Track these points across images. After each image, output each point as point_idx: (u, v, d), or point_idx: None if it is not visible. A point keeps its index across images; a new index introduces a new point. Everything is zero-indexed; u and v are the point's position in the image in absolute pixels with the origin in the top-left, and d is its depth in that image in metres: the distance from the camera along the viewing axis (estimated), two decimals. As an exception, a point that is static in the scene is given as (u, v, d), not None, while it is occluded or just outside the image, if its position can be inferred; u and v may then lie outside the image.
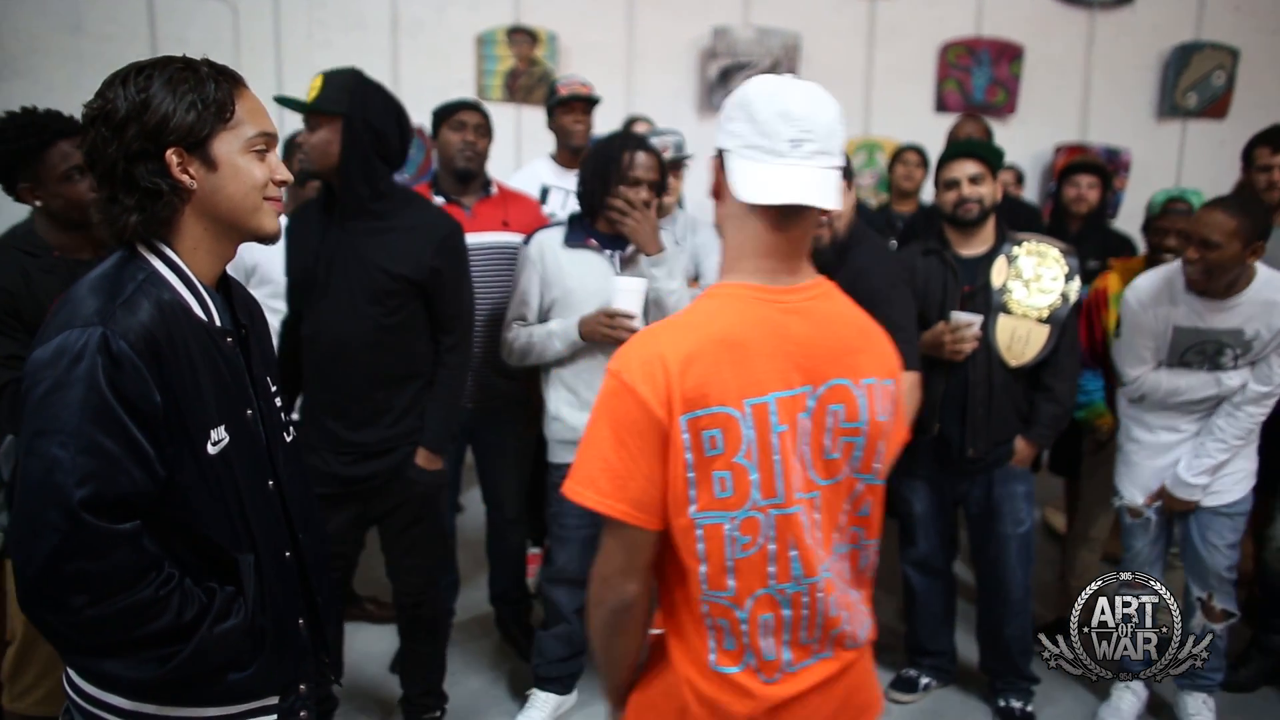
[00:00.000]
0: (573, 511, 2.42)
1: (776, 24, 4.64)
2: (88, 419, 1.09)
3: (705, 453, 1.12)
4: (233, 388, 1.26)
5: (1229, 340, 2.39)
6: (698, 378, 1.11)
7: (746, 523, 1.15)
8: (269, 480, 1.32)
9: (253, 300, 1.44)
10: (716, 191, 1.20)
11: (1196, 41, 4.84)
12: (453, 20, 4.55)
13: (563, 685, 2.58)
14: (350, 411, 2.14)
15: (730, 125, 1.15)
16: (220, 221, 1.25)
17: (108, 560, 1.11)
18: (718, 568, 1.16)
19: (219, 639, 1.20)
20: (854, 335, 1.23)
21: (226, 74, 1.24)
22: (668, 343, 1.13)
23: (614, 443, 1.12)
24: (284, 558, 1.34)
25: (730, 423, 1.12)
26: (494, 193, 2.82)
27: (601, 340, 2.26)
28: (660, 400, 1.10)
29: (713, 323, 1.16)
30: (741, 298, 1.17)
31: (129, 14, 4.36)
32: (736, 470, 1.13)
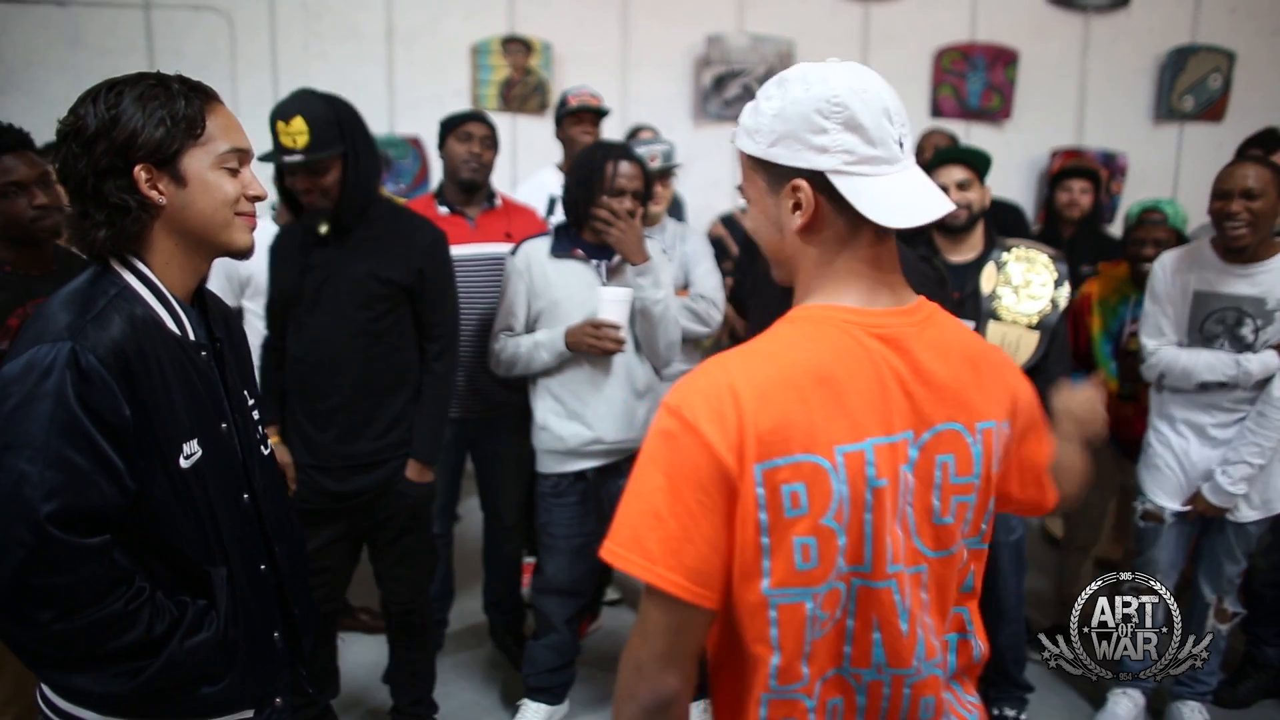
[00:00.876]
0: (561, 521, 2.43)
1: (770, 31, 4.65)
2: (56, 434, 1.10)
3: (785, 513, 0.90)
4: (206, 401, 1.27)
5: (1250, 309, 2.34)
6: (776, 418, 0.89)
7: (829, 596, 0.93)
8: (244, 493, 1.32)
9: (230, 313, 1.44)
10: (809, 224, 0.96)
11: (1193, 44, 4.83)
12: (448, 30, 4.57)
13: (554, 695, 2.58)
14: (339, 422, 2.14)
15: (823, 139, 0.92)
16: (191, 237, 1.25)
17: (75, 575, 1.12)
18: (793, 655, 0.93)
19: (190, 652, 1.20)
20: (967, 369, 0.99)
21: (199, 90, 1.24)
22: (739, 373, 0.91)
23: (668, 495, 0.89)
24: (259, 570, 1.34)
25: (818, 475, 0.90)
26: (498, 204, 2.84)
27: (587, 351, 2.27)
28: (730, 444, 0.88)
29: (795, 350, 0.94)
30: (831, 321, 0.95)
31: (126, 28, 4.38)
32: (823, 534, 0.91)
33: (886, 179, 0.94)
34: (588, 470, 2.37)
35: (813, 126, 0.93)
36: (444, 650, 3.00)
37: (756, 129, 0.97)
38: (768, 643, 0.92)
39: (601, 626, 3.19)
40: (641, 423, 2.35)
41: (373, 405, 2.16)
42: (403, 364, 2.20)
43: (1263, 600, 2.76)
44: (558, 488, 2.41)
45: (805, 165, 0.94)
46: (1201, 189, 3.72)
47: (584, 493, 2.40)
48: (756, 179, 1.00)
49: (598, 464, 2.36)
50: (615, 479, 2.38)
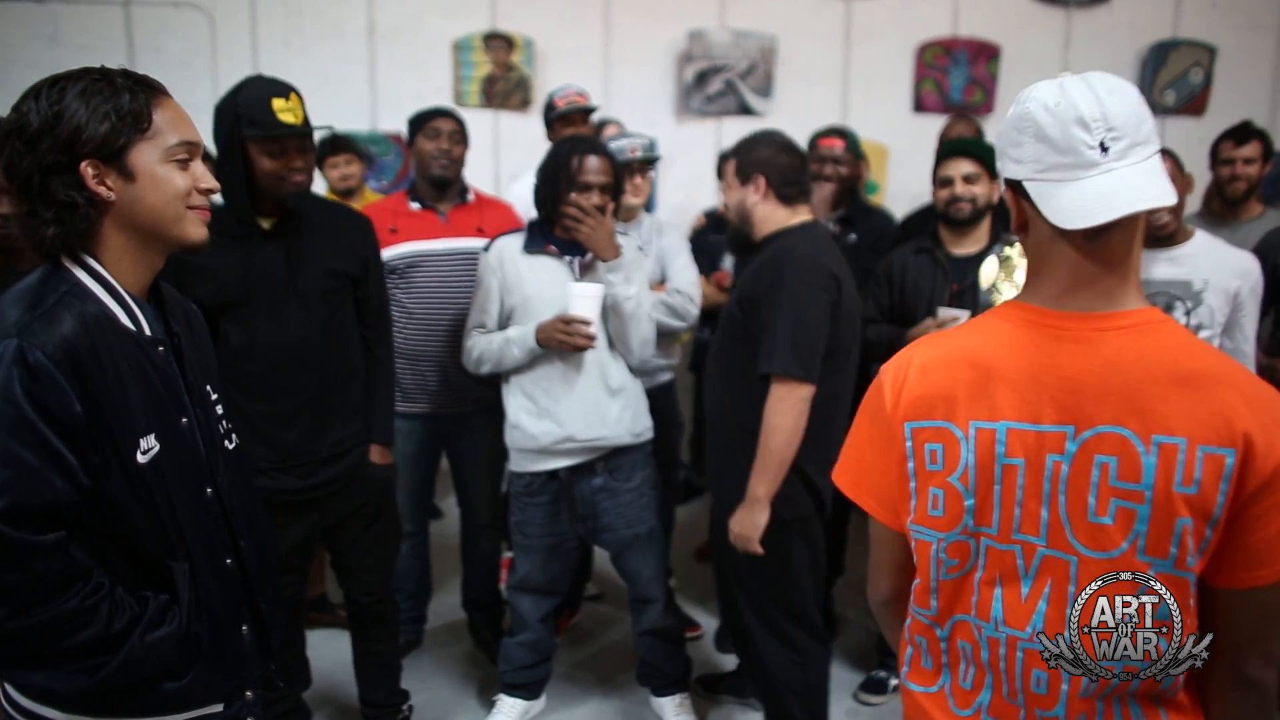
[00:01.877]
0: (535, 520, 2.42)
1: (753, 27, 4.64)
2: (4, 430, 1.10)
3: (926, 465, 1.11)
4: (165, 397, 1.26)
5: (1178, 292, 2.35)
6: (928, 388, 1.10)
7: (955, 546, 1.10)
8: (207, 488, 1.32)
9: (190, 307, 1.44)
10: (1021, 225, 1.10)
11: (1174, 39, 4.84)
12: (429, 27, 4.56)
13: (529, 691, 2.58)
14: (305, 418, 2.13)
15: (1017, 151, 1.05)
16: (142, 232, 1.24)
17: (28, 571, 1.12)
18: (924, 585, 1.14)
19: (150, 648, 1.20)
20: (1162, 381, 1.00)
21: (145, 83, 1.23)
22: (921, 350, 1.15)
23: (862, 432, 1.20)
24: (225, 565, 1.33)
25: (952, 441, 1.09)
26: (470, 199, 2.83)
27: (558, 347, 2.26)
28: (894, 399, 1.13)
29: (965, 338, 1.14)
30: (1010, 319, 1.10)
31: (106, 24, 4.37)
32: (950, 491, 1.09)
33: (1078, 183, 1.01)
34: (560, 470, 2.36)
35: (1013, 141, 1.07)
36: (422, 646, 3.00)
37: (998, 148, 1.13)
38: (910, 562, 1.17)
39: (581, 622, 3.20)
40: (615, 420, 2.33)
41: (336, 398, 2.17)
42: (354, 353, 2.23)
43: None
44: (530, 487, 2.40)
45: (1008, 175, 1.09)
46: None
47: (557, 492, 2.39)
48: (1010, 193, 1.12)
49: (570, 463, 2.35)
50: (589, 478, 2.36)
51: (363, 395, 2.24)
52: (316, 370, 2.13)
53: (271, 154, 2.00)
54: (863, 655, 2.96)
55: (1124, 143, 1.00)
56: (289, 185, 2.04)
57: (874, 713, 2.75)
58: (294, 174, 2.03)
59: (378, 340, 2.29)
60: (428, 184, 2.77)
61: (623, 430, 2.35)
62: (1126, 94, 1.01)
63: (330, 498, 2.20)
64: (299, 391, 2.12)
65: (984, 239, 2.54)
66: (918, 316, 2.52)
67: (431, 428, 2.77)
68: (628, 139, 2.89)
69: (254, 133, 1.97)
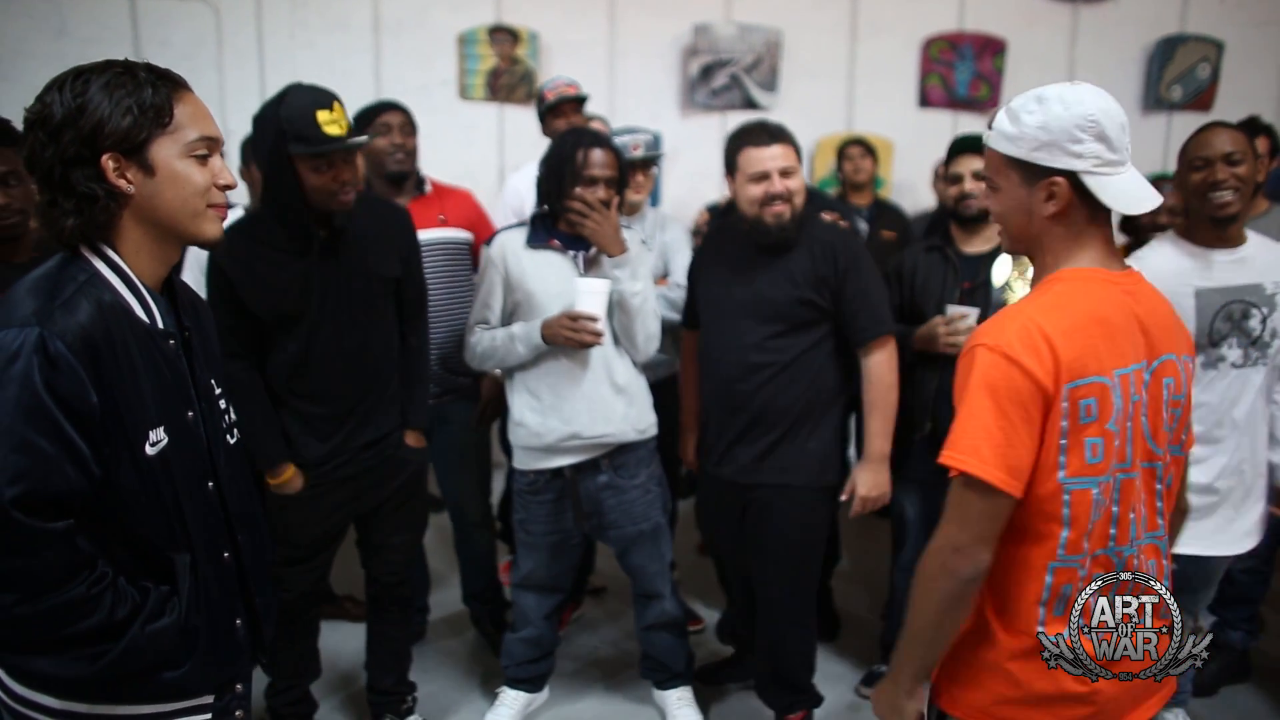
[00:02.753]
0: (539, 518, 2.42)
1: (758, 20, 4.64)
2: (21, 418, 1.11)
3: (1080, 420, 1.21)
4: (173, 389, 1.27)
5: (1253, 298, 2.13)
6: (1078, 349, 1.21)
7: (1107, 486, 1.24)
8: (209, 481, 1.33)
9: (200, 302, 1.45)
10: (1062, 212, 1.26)
11: (1181, 34, 4.83)
12: (434, 20, 4.56)
13: (533, 685, 2.59)
14: (357, 415, 2.18)
15: (1078, 147, 1.22)
16: (160, 226, 1.25)
17: (37, 558, 1.13)
18: (1080, 532, 1.24)
19: (151, 638, 1.22)
20: (1171, 315, 1.34)
21: (167, 78, 1.23)
22: (1044, 320, 1.22)
23: (995, 413, 1.21)
24: (222, 559, 1.35)
25: (1105, 391, 1.22)
26: (428, 190, 2.78)
27: (564, 344, 2.25)
28: (1047, 371, 1.20)
29: (1081, 301, 1.25)
30: (1094, 279, 1.27)
31: (112, 17, 4.37)
32: (1108, 436, 1.23)
33: (1120, 177, 1.24)
34: (565, 467, 2.35)
35: (1072, 138, 1.22)
36: (425, 639, 3.02)
37: (1020, 136, 1.26)
38: (1059, 520, 1.24)
39: (584, 615, 3.21)
40: (620, 416, 2.32)
41: (381, 392, 2.22)
42: (394, 346, 2.27)
43: (1235, 583, 2.78)
44: (535, 485, 2.40)
45: (1063, 166, 1.24)
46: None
47: (561, 489, 2.38)
48: (1011, 174, 1.29)
49: (575, 460, 2.34)
50: (593, 474, 2.36)
51: (399, 383, 2.28)
52: (368, 372, 2.18)
53: (319, 169, 1.97)
54: (862, 650, 2.97)
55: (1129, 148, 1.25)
56: (338, 203, 2.02)
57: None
58: (343, 190, 2.01)
59: (412, 329, 2.32)
60: (383, 180, 2.70)
61: (628, 427, 2.34)
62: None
63: (367, 481, 2.23)
64: (352, 394, 2.17)
65: (995, 237, 2.47)
66: (928, 314, 2.49)
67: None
68: (630, 135, 2.88)
69: (300, 149, 1.95)
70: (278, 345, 2.09)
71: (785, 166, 2.24)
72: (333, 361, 2.12)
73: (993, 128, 1.31)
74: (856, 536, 3.16)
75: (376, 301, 2.18)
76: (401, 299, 2.28)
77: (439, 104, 4.54)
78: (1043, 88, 1.27)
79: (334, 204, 2.02)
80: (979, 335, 1.26)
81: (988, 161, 1.34)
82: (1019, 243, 1.34)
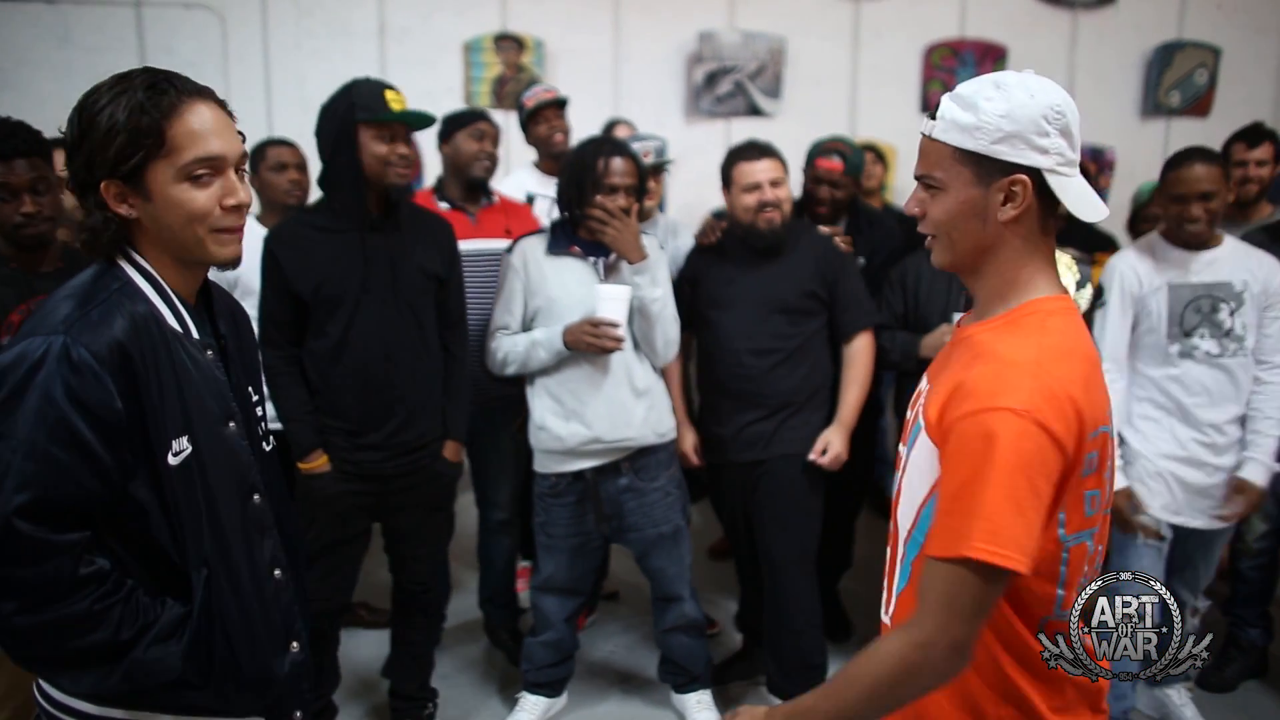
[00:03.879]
0: (560, 521, 2.44)
1: (762, 28, 4.66)
2: (39, 427, 1.10)
3: (1082, 474, 1.06)
4: (208, 400, 1.24)
5: (1222, 294, 2.37)
6: (1091, 401, 1.06)
7: (1099, 534, 1.14)
8: (254, 494, 1.30)
9: (238, 309, 1.43)
10: (1018, 219, 1.09)
11: (1179, 40, 4.87)
12: (440, 28, 4.57)
13: (552, 689, 2.61)
14: (398, 413, 2.20)
15: (1044, 141, 1.06)
16: (171, 248, 1.22)
17: (39, 569, 1.11)
18: (1074, 586, 1.10)
19: (154, 660, 1.18)
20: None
21: (170, 93, 1.16)
22: (1063, 374, 1.05)
23: (1030, 492, 1.00)
24: (272, 575, 1.32)
25: (1107, 441, 1.11)
26: (496, 201, 2.87)
27: (586, 349, 2.28)
28: (1073, 437, 1.03)
29: (1078, 341, 1.12)
30: (1072, 311, 1.14)
31: (117, 25, 4.36)
32: (1104, 485, 1.11)
33: (1074, 180, 1.09)
34: (586, 470, 2.38)
35: (1039, 130, 1.05)
36: (442, 644, 3.01)
37: (978, 126, 1.07)
38: (1056, 579, 1.08)
39: (598, 620, 3.22)
40: (640, 420, 2.35)
41: (423, 395, 2.25)
42: (436, 350, 2.30)
43: (1248, 582, 2.81)
44: (556, 488, 2.42)
45: (1028, 163, 1.06)
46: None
47: (582, 492, 2.41)
48: (963, 171, 1.10)
49: (596, 463, 2.37)
50: (614, 478, 2.39)
51: (442, 393, 2.31)
52: (408, 367, 2.19)
53: (382, 139, 2.09)
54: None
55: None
56: (393, 174, 2.12)
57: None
58: (400, 162, 2.12)
59: (455, 340, 2.35)
60: (462, 184, 2.79)
61: (648, 430, 2.37)
62: None
63: (399, 483, 2.24)
64: (392, 387, 2.18)
65: None
66: (932, 323, 2.51)
67: None
68: (641, 142, 2.91)
69: (367, 116, 2.06)
70: (319, 331, 2.14)
71: (774, 178, 2.48)
72: (372, 348, 2.14)
73: (937, 117, 1.11)
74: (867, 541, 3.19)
75: (419, 295, 2.22)
76: (443, 307, 2.30)
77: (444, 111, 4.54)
78: (996, 74, 1.10)
79: (389, 176, 2.12)
80: (996, 396, 1.02)
81: (928, 158, 1.13)
82: (965, 257, 1.14)
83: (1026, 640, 1.10)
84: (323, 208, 2.19)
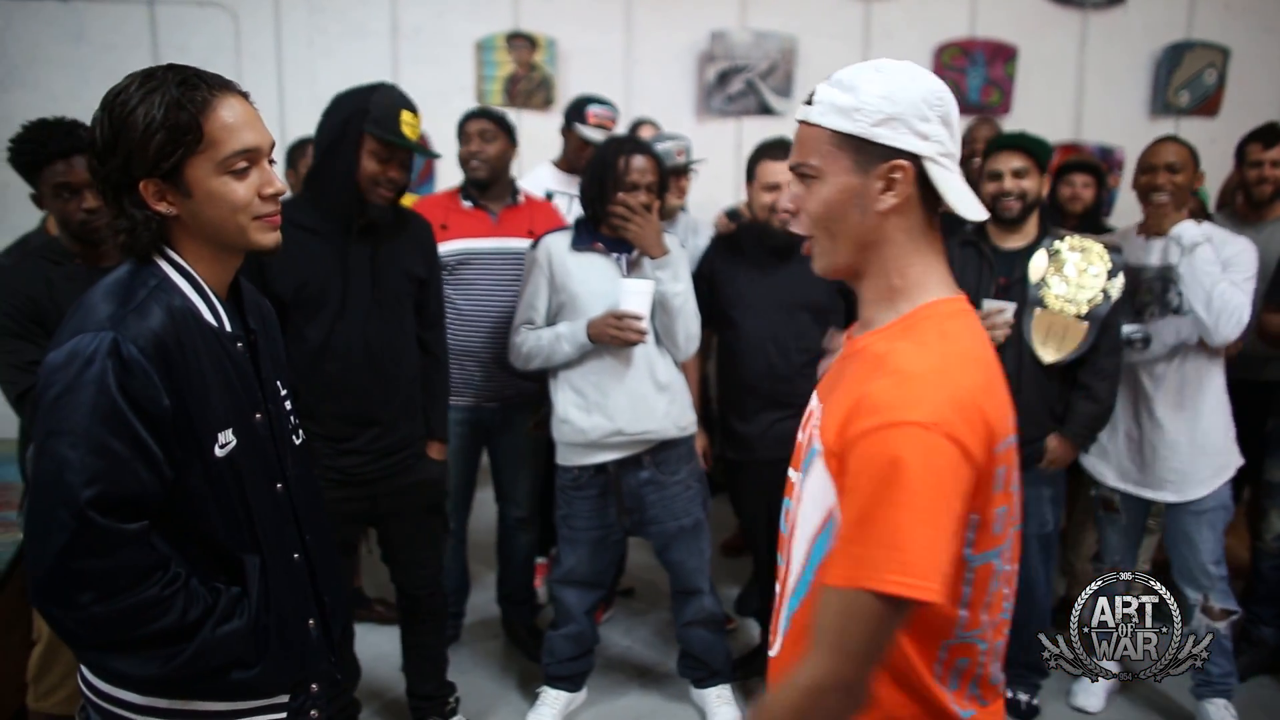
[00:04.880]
0: (582, 513, 2.46)
1: (773, 27, 4.68)
2: (97, 421, 1.12)
3: (993, 490, 0.97)
4: (241, 392, 1.28)
5: (1172, 276, 2.52)
6: (997, 410, 0.98)
7: (1007, 553, 1.03)
8: (278, 483, 1.34)
9: (265, 304, 1.46)
10: (899, 210, 1.01)
11: (1188, 40, 4.89)
12: (452, 26, 4.58)
13: (573, 683, 2.62)
14: (383, 419, 2.18)
15: (925, 126, 0.98)
16: (211, 241, 1.25)
17: (114, 559, 1.14)
18: (978, 607, 1.01)
19: (221, 640, 1.22)
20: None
21: (202, 89, 1.19)
22: (967, 381, 0.96)
23: (945, 512, 0.90)
24: (293, 559, 1.35)
25: (1013, 453, 1.01)
26: (521, 201, 2.87)
27: (609, 342, 2.30)
28: (983, 449, 0.94)
29: (979, 345, 1.03)
30: (969, 313, 1.06)
31: (131, 23, 4.38)
32: (1012, 500, 1.02)
33: (956, 175, 1.02)
34: (608, 462, 2.40)
35: (920, 114, 0.99)
36: (460, 641, 3.03)
37: (858, 108, 0.99)
38: (958, 600, 0.99)
39: (615, 615, 3.23)
40: (662, 414, 2.38)
41: (404, 397, 2.22)
42: (415, 350, 2.29)
43: (1265, 580, 2.82)
44: (578, 480, 2.44)
45: (909, 148, 0.99)
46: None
47: (604, 485, 2.43)
48: (841, 157, 1.01)
49: (618, 456, 2.39)
50: (635, 470, 2.41)
51: (422, 394, 2.29)
52: (390, 371, 2.17)
53: (379, 158, 2.05)
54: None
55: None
56: (377, 194, 2.08)
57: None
58: (386, 185, 2.08)
59: (434, 340, 2.34)
60: (471, 185, 2.80)
61: (669, 424, 2.39)
62: None
63: (386, 486, 2.22)
64: (373, 392, 2.16)
65: (1032, 232, 2.51)
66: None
67: (474, 422, 2.80)
68: (673, 141, 2.95)
69: (375, 130, 2.02)
70: (297, 335, 2.06)
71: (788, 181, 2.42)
72: (354, 353, 2.10)
73: (813, 102, 1.03)
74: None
75: (401, 298, 2.20)
76: (423, 307, 2.29)
77: (456, 110, 4.51)
78: (876, 60, 1.03)
79: (374, 194, 2.08)
80: (900, 410, 0.91)
81: (804, 145, 1.04)
82: (846, 255, 1.05)
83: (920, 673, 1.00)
84: (308, 205, 2.10)
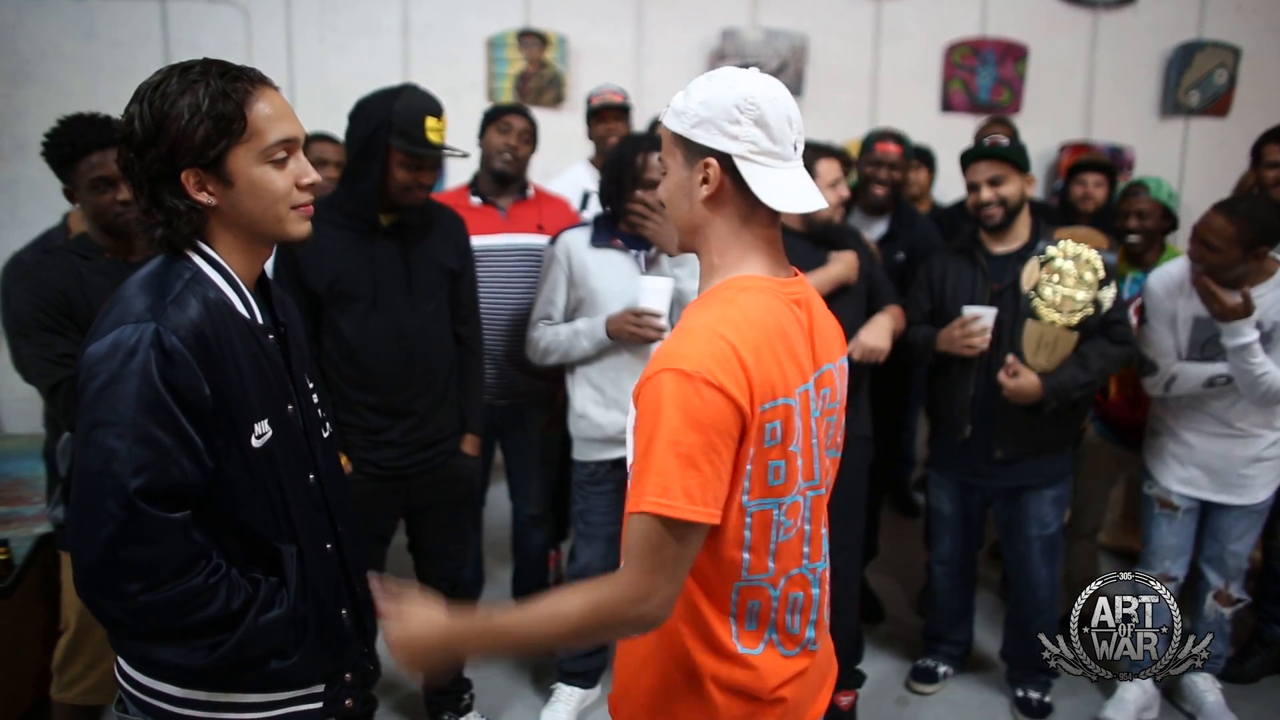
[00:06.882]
0: (598, 509, 2.46)
1: (784, 26, 4.68)
2: (142, 411, 1.13)
3: (765, 444, 1.12)
4: (274, 383, 1.29)
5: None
6: (766, 370, 1.11)
7: (791, 507, 1.18)
8: (309, 474, 1.35)
9: (288, 299, 1.47)
10: (714, 197, 1.17)
11: (1199, 40, 4.89)
12: (463, 24, 4.58)
13: (587, 680, 2.62)
14: (417, 411, 2.20)
15: (734, 128, 1.13)
16: (247, 231, 1.26)
17: (160, 548, 1.15)
18: (762, 552, 1.17)
19: (264, 628, 1.24)
20: (830, 322, 1.29)
21: (242, 80, 1.21)
22: (734, 337, 1.10)
23: (703, 446, 1.07)
24: (325, 550, 1.37)
25: (789, 413, 1.14)
26: (530, 195, 2.88)
27: (628, 339, 2.30)
28: (745, 395, 1.09)
29: (764, 314, 1.15)
30: (767, 290, 1.18)
31: (142, 19, 4.38)
32: (789, 458, 1.15)
33: (780, 172, 1.16)
34: (625, 458, 2.40)
35: (730, 117, 1.13)
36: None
37: (684, 111, 1.17)
38: (740, 544, 1.16)
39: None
40: None
41: (439, 390, 2.24)
42: (450, 344, 2.30)
43: (1278, 580, 2.82)
44: (595, 475, 2.45)
45: (717, 147, 1.14)
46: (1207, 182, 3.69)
47: (621, 480, 2.43)
48: (676, 153, 1.20)
49: (635, 451, 2.41)
50: None
51: (456, 387, 2.30)
52: (425, 364, 2.19)
53: (409, 167, 2.07)
54: (908, 644, 3.01)
55: (801, 148, 1.18)
56: (412, 198, 2.10)
57: (924, 700, 2.78)
58: (420, 190, 2.10)
59: (469, 333, 2.36)
60: (490, 177, 2.81)
61: (686, 420, 2.40)
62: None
63: (421, 481, 2.25)
64: (409, 385, 2.18)
65: (1024, 235, 2.52)
66: (954, 317, 2.51)
67: (487, 420, 2.80)
68: None
69: (401, 144, 2.03)
70: (334, 327, 2.11)
71: (831, 180, 2.57)
72: (388, 346, 2.13)
73: (670, 105, 1.21)
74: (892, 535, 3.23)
75: (434, 291, 2.22)
76: (456, 300, 2.31)
77: (467, 107, 4.51)
78: (722, 69, 1.19)
79: (407, 199, 2.12)
80: (669, 360, 1.08)
81: (663, 144, 1.23)
82: (685, 234, 1.24)
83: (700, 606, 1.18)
84: (342, 202, 2.15)
